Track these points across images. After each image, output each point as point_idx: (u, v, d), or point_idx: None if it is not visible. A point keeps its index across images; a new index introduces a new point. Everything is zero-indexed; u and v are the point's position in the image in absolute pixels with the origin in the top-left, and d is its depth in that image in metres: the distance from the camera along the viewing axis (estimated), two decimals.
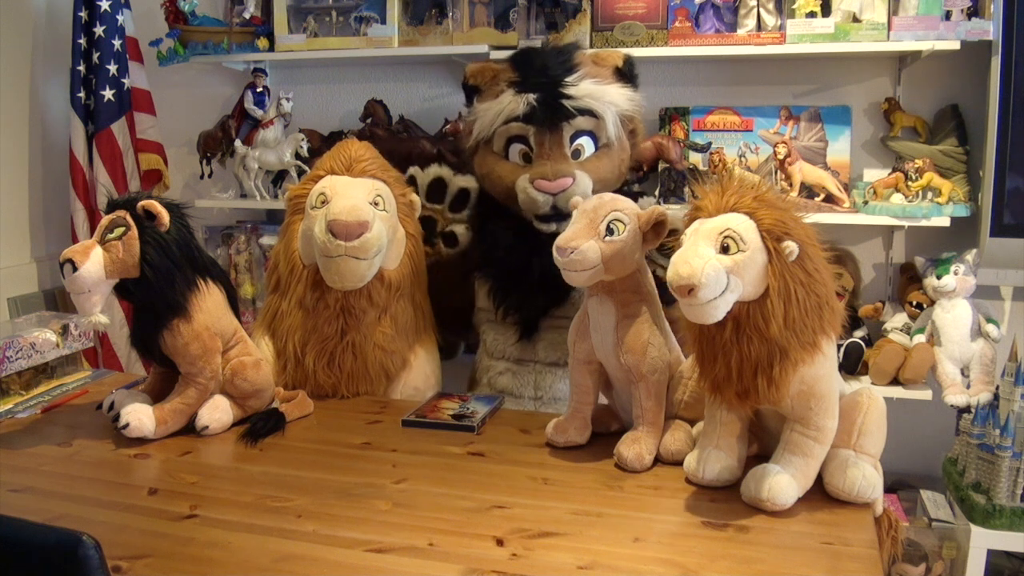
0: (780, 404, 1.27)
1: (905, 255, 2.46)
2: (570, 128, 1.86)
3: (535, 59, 1.92)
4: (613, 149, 1.92)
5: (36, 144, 2.84)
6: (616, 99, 1.90)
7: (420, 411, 1.72)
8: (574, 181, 1.81)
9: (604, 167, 1.90)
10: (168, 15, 2.68)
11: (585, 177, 1.84)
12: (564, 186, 1.81)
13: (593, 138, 1.89)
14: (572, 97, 1.84)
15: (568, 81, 1.86)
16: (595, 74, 1.91)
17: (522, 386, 1.96)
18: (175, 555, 1.16)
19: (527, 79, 1.89)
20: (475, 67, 2.03)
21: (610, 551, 1.16)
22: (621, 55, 2.00)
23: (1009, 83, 2.14)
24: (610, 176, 1.92)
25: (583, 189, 1.82)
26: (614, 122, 1.89)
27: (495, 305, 1.97)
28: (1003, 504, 1.91)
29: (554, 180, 1.81)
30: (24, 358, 1.83)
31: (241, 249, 2.75)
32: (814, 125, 2.41)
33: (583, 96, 1.85)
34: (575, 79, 1.87)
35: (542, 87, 1.86)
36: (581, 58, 1.94)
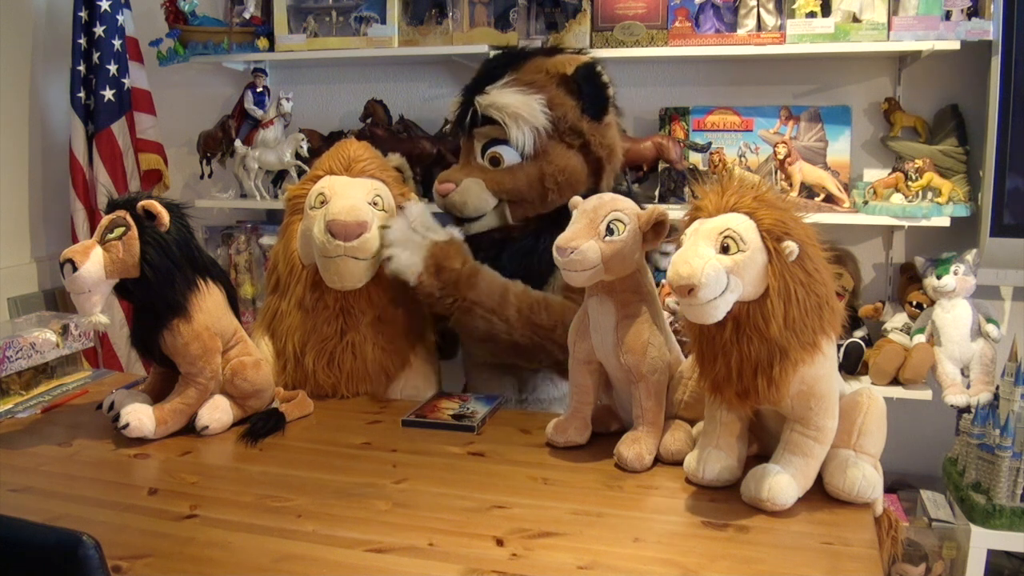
0: (780, 404, 1.27)
1: (905, 255, 2.46)
2: (482, 136, 1.88)
3: (487, 63, 1.97)
4: (536, 161, 1.84)
5: (36, 144, 2.84)
6: (521, 108, 1.81)
7: (420, 411, 1.72)
8: (456, 187, 1.87)
9: (516, 179, 1.86)
10: (168, 15, 2.68)
11: (473, 185, 1.86)
12: (445, 191, 1.89)
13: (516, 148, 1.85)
14: (480, 103, 1.85)
15: (487, 88, 1.85)
16: (530, 81, 1.84)
17: (504, 389, 1.96)
18: (175, 555, 1.16)
19: (471, 82, 1.94)
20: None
21: (610, 551, 1.16)
22: (576, 62, 1.87)
23: (1009, 83, 2.14)
24: (526, 189, 1.85)
25: (461, 200, 1.87)
26: (520, 133, 1.81)
27: None
28: (1003, 504, 1.91)
29: (440, 184, 1.90)
30: (24, 358, 1.83)
31: (241, 249, 2.75)
32: (814, 125, 2.41)
33: (487, 104, 1.84)
34: (494, 87, 1.84)
35: (466, 92, 1.92)
36: (528, 66, 1.88)
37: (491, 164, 1.89)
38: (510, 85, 1.84)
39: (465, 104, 1.90)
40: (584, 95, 1.85)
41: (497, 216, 1.91)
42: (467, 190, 1.87)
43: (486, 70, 1.92)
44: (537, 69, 1.88)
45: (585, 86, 1.85)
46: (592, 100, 1.86)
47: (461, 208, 1.89)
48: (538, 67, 1.88)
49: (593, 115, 1.87)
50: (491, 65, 1.93)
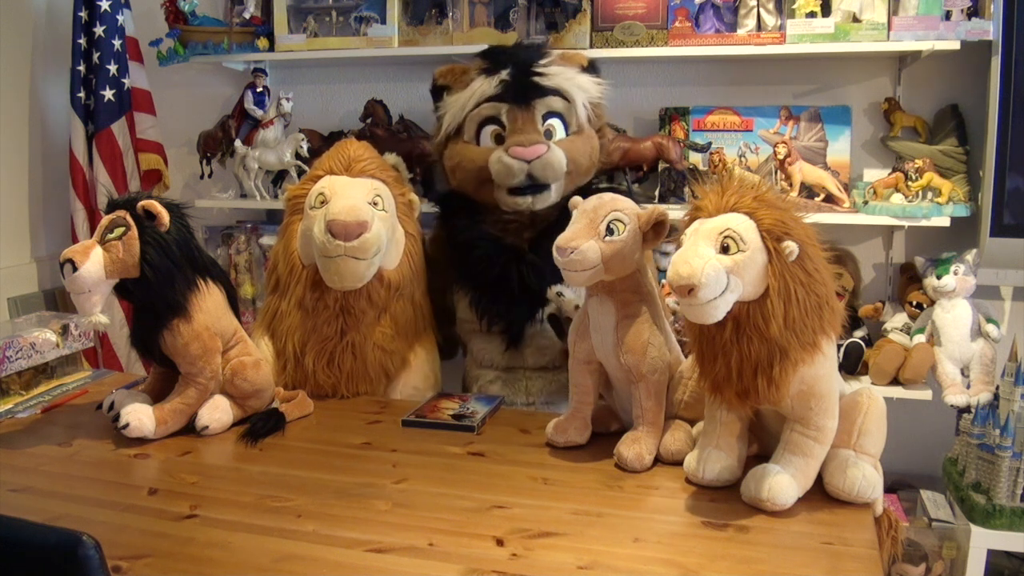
0: (780, 404, 1.27)
1: (905, 255, 2.46)
2: (542, 106, 1.92)
3: (506, 50, 2.04)
4: (583, 135, 1.97)
5: (36, 144, 2.84)
6: (585, 85, 1.98)
7: (420, 411, 1.72)
8: (548, 149, 1.87)
9: (576, 148, 1.94)
10: (168, 15, 2.68)
11: (558, 149, 1.89)
12: (539, 152, 1.85)
13: (564, 122, 1.95)
14: (544, 75, 1.92)
15: (540, 62, 1.95)
16: (564, 65, 2.01)
17: (513, 393, 1.96)
18: (175, 555, 1.16)
19: (499, 64, 1.96)
20: (443, 68, 2.09)
21: (610, 551, 1.16)
22: (585, 56, 2.10)
23: (1009, 83, 2.13)
24: (582, 160, 1.96)
25: (557, 159, 1.88)
26: (584, 106, 1.96)
27: (478, 317, 1.97)
28: (1003, 504, 1.91)
29: (529, 147, 1.86)
30: (24, 358, 1.83)
31: (241, 249, 2.75)
32: (814, 125, 2.40)
33: (554, 75, 1.93)
34: (544, 62, 1.96)
35: (515, 66, 1.95)
36: (550, 52, 2.05)
37: (546, 136, 1.93)
38: (557, 63, 1.98)
39: (518, 76, 1.93)
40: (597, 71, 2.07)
41: (558, 188, 1.94)
42: (556, 153, 1.88)
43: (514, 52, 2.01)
44: (558, 58, 2.03)
45: (595, 76, 2.06)
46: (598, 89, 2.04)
47: (555, 169, 1.89)
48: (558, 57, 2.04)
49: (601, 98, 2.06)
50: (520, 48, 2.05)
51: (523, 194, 1.89)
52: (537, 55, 1.99)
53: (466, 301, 1.99)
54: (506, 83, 1.92)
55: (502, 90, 1.92)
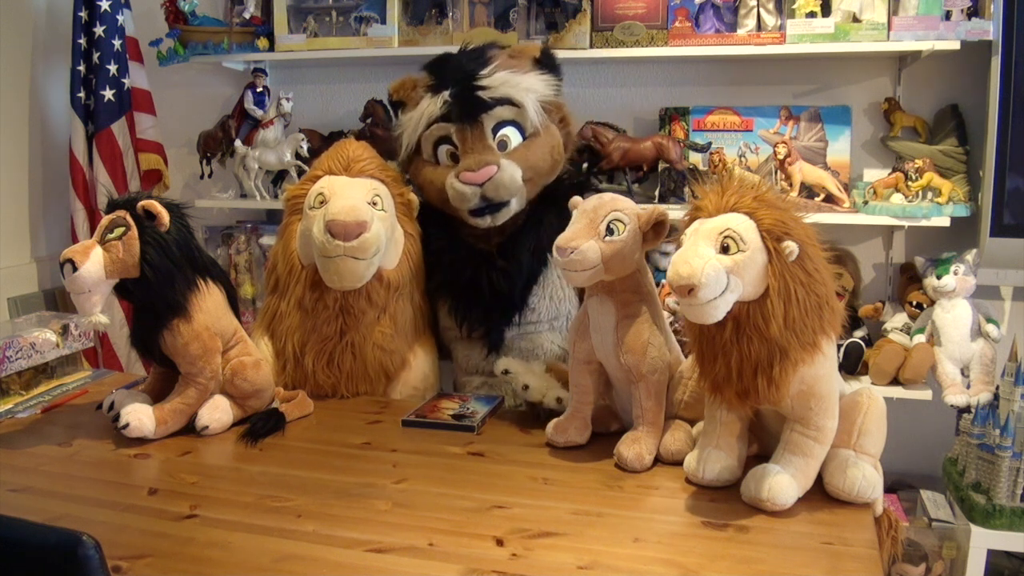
0: (780, 404, 1.27)
1: (905, 255, 2.46)
2: (490, 119, 1.87)
3: (449, 61, 1.96)
4: (540, 136, 1.92)
5: (36, 144, 2.84)
6: (533, 84, 1.91)
7: (420, 411, 1.72)
8: (499, 169, 1.82)
9: (533, 155, 1.90)
10: (168, 15, 2.68)
11: (511, 165, 1.85)
12: (489, 174, 1.82)
13: (519, 128, 1.90)
14: (486, 88, 1.86)
15: (482, 74, 1.87)
16: (511, 66, 1.92)
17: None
18: (175, 555, 1.16)
19: (442, 80, 1.91)
20: (395, 83, 2.06)
21: (610, 551, 1.16)
22: (538, 46, 2.03)
23: (1009, 83, 2.13)
24: (542, 164, 1.91)
25: (510, 177, 1.84)
26: (535, 108, 1.89)
27: (457, 323, 1.97)
28: (1003, 504, 1.91)
29: (478, 170, 1.82)
30: (24, 358, 1.83)
31: (241, 249, 2.75)
32: (814, 125, 2.40)
33: (498, 85, 1.86)
34: (488, 71, 1.88)
35: (456, 83, 1.88)
36: (496, 54, 1.95)
37: (499, 149, 1.89)
38: (500, 68, 1.89)
39: (461, 93, 1.87)
40: (554, 70, 1.98)
41: (519, 199, 1.90)
42: (508, 170, 1.84)
43: (457, 63, 1.93)
44: (503, 55, 1.95)
45: (550, 64, 1.98)
46: (558, 75, 2.00)
47: (508, 188, 1.85)
48: (502, 54, 1.96)
49: (556, 93, 1.99)
50: (462, 58, 1.94)
51: (482, 215, 1.87)
52: (479, 64, 1.90)
53: (445, 308, 1.99)
54: (449, 103, 1.88)
55: (448, 109, 1.88)
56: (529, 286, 1.92)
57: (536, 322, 1.94)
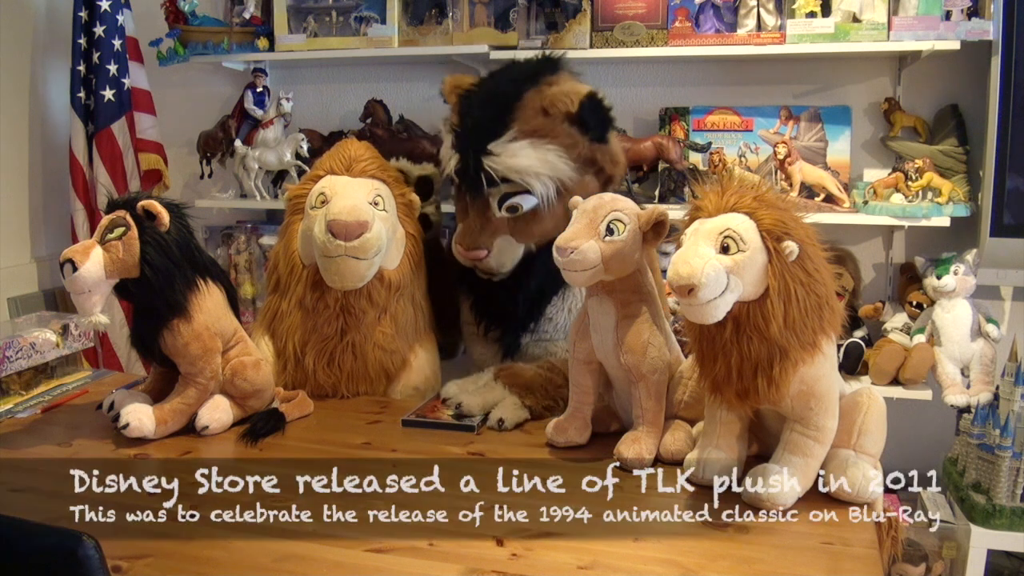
0: (780, 404, 1.27)
1: (905, 255, 2.46)
2: (497, 192, 1.78)
3: (475, 107, 1.82)
4: (556, 205, 1.77)
5: (36, 144, 2.84)
6: (542, 167, 1.74)
7: (420, 411, 1.72)
8: (488, 254, 1.79)
9: (542, 226, 1.79)
10: (168, 15, 2.68)
11: (506, 244, 1.79)
12: (478, 257, 1.80)
13: (532, 193, 1.76)
14: (495, 165, 1.73)
15: (492, 148, 1.74)
16: (535, 129, 1.76)
17: None
18: (175, 555, 1.16)
19: (462, 132, 1.81)
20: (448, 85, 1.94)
21: (610, 551, 1.16)
22: (578, 96, 1.77)
23: (1009, 83, 2.14)
24: (552, 230, 1.69)
25: (498, 263, 1.81)
26: (544, 187, 1.75)
27: (476, 321, 1.97)
28: (1003, 504, 1.91)
29: (468, 251, 1.80)
30: (24, 358, 1.82)
31: (241, 249, 2.75)
32: (814, 125, 2.41)
33: (503, 168, 1.73)
34: (502, 143, 1.74)
35: (467, 151, 1.78)
36: (523, 109, 1.78)
37: (509, 213, 1.79)
38: (517, 139, 1.74)
39: (468, 163, 1.77)
40: (592, 126, 1.80)
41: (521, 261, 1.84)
42: (501, 252, 1.80)
43: (477, 121, 1.79)
44: (535, 110, 1.78)
45: (592, 118, 1.79)
46: (599, 128, 1.82)
47: (497, 269, 1.82)
48: (534, 107, 1.78)
49: (601, 139, 1.83)
50: (482, 115, 1.80)
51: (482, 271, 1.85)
52: (493, 132, 1.75)
53: (468, 304, 1.99)
54: (459, 169, 1.80)
55: (458, 172, 1.80)
56: (547, 299, 1.88)
57: (553, 331, 1.91)
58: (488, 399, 1.70)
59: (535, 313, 1.88)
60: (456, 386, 1.75)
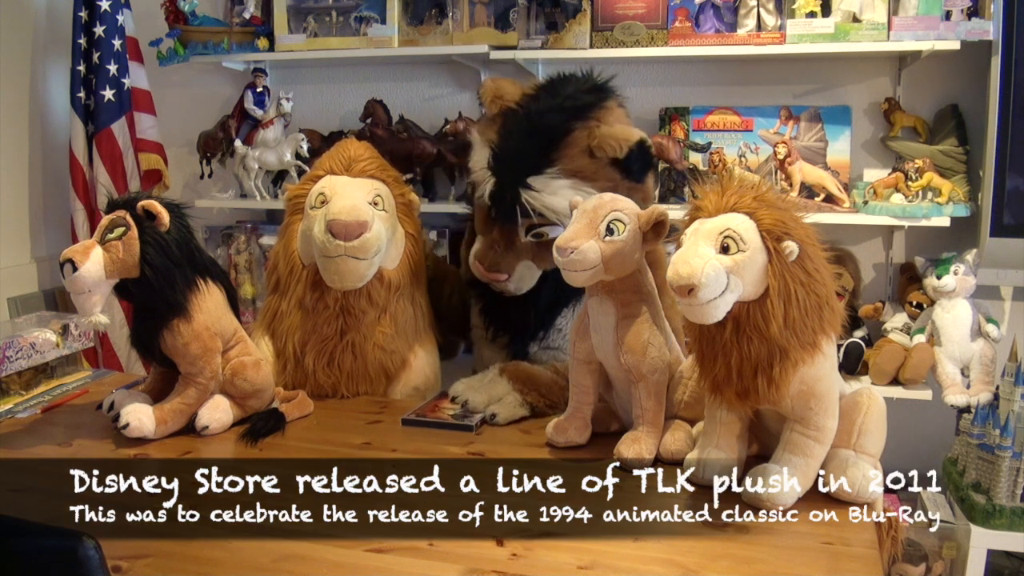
0: (780, 404, 1.27)
1: (905, 255, 2.46)
2: (527, 222, 1.75)
3: (519, 135, 1.75)
4: None
5: (36, 144, 2.84)
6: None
7: (420, 410, 1.72)
8: (508, 278, 1.79)
9: None
10: (168, 15, 2.68)
11: (527, 269, 1.79)
12: (498, 279, 1.80)
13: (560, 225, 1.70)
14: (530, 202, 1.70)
15: (532, 183, 1.70)
16: (579, 169, 1.72)
17: None
18: (175, 555, 1.16)
19: (502, 157, 1.75)
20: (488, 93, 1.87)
21: (610, 551, 1.16)
22: (628, 144, 1.72)
23: (1009, 83, 2.14)
24: None
25: (516, 286, 1.81)
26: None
27: (485, 326, 1.96)
28: (1003, 504, 1.91)
29: (489, 272, 1.80)
30: (24, 358, 1.82)
31: (241, 249, 2.75)
32: (814, 125, 2.41)
33: (540, 206, 1.70)
34: (543, 180, 1.70)
35: (504, 179, 1.73)
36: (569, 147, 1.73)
37: (534, 238, 1.78)
38: (558, 178, 1.71)
39: (504, 192, 1.73)
40: (635, 172, 1.77)
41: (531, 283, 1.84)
42: (521, 278, 1.80)
43: (521, 151, 1.74)
44: (580, 150, 1.74)
45: (637, 165, 1.76)
46: (642, 173, 1.79)
47: (514, 292, 1.82)
48: (580, 146, 1.74)
49: (639, 181, 1.79)
50: (525, 145, 1.74)
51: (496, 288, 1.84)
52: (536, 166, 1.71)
53: (477, 308, 1.99)
54: (494, 193, 1.75)
55: (492, 196, 1.75)
56: (558, 311, 1.88)
57: (562, 341, 1.90)
58: (492, 394, 1.71)
59: (545, 324, 1.88)
60: (463, 384, 1.76)
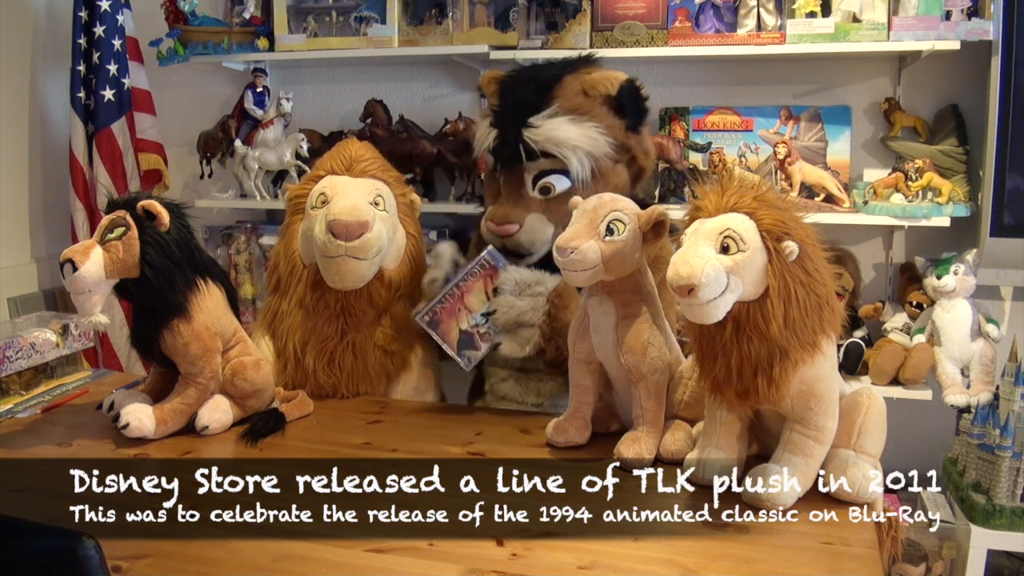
0: (780, 404, 1.27)
1: (905, 255, 2.46)
2: (533, 168, 1.80)
3: (516, 87, 1.87)
4: (588, 187, 1.79)
5: (36, 144, 2.84)
6: (582, 141, 1.78)
7: (437, 310, 1.76)
8: (520, 228, 1.79)
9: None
10: (168, 15, 2.68)
11: (538, 221, 1.80)
12: (508, 232, 1.80)
13: (566, 174, 1.80)
14: (534, 138, 1.77)
15: (532, 121, 1.78)
16: (576, 107, 1.81)
17: (524, 393, 1.94)
18: (175, 555, 1.16)
19: (502, 110, 1.85)
20: (485, 77, 1.99)
21: (610, 551, 1.16)
22: (617, 81, 1.84)
23: (1009, 83, 2.14)
24: None
25: (528, 240, 1.81)
26: (581, 164, 1.78)
27: None
28: (1003, 504, 1.91)
29: (499, 225, 1.80)
30: (24, 358, 1.82)
31: (241, 249, 2.75)
32: (814, 125, 2.41)
33: (543, 140, 1.77)
34: (543, 117, 1.78)
35: (506, 125, 1.81)
36: (564, 89, 1.83)
37: (542, 194, 1.82)
38: (557, 114, 1.78)
39: (507, 137, 1.80)
40: (628, 112, 1.85)
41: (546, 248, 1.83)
42: (532, 229, 1.80)
43: (519, 98, 1.84)
44: (574, 91, 1.83)
45: (629, 103, 1.85)
46: (635, 115, 1.87)
47: (528, 247, 1.82)
48: (574, 89, 1.83)
49: (635, 128, 1.87)
50: (523, 93, 1.84)
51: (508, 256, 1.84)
52: (540, 100, 1.79)
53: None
54: (497, 144, 1.83)
55: (496, 147, 1.83)
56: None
57: None
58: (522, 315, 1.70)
59: None
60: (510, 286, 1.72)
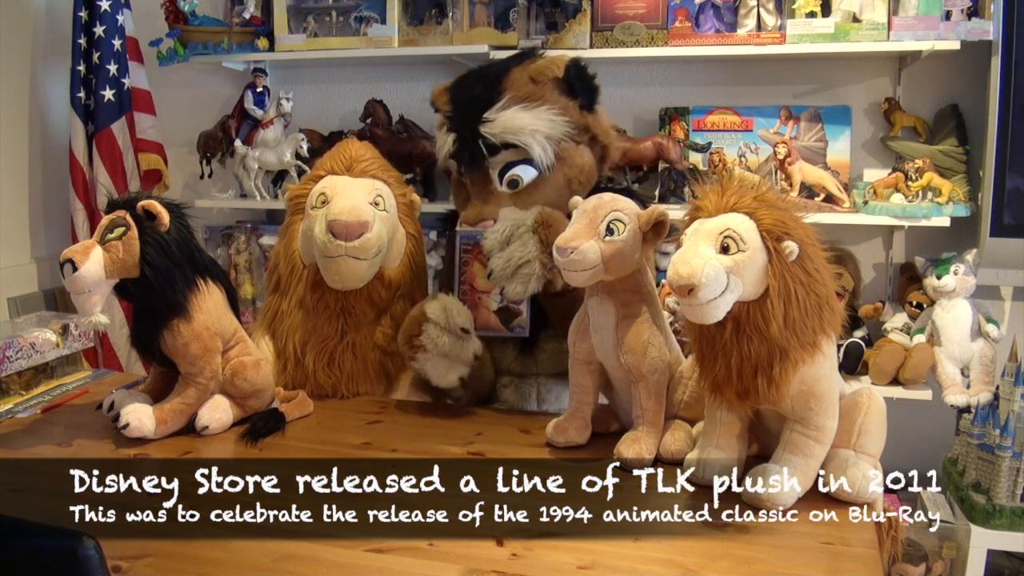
0: (780, 404, 1.27)
1: (905, 255, 2.46)
2: (497, 163, 1.80)
3: (466, 89, 1.87)
4: (557, 170, 1.81)
5: (36, 144, 2.84)
6: (540, 125, 1.78)
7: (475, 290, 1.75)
8: (494, 223, 1.77)
9: (545, 194, 1.80)
10: (168, 15, 2.69)
11: (512, 213, 1.78)
12: (483, 228, 1.78)
13: (531, 163, 1.79)
14: (490, 132, 1.77)
15: (486, 116, 1.78)
16: (527, 95, 1.80)
17: (525, 399, 1.94)
18: (175, 555, 1.16)
19: (455, 113, 1.85)
20: (435, 92, 1.97)
21: (610, 551, 1.16)
22: (563, 63, 1.85)
23: (1009, 83, 2.14)
24: (558, 199, 1.76)
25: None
26: (543, 147, 1.77)
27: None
28: (1003, 504, 1.91)
29: (474, 223, 1.79)
30: (24, 358, 1.82)
31: (241, 249, 2.76)
32: (814, 125, 2.41)
33: (500, 131, 1.76)
34: (496, 110, 1.78)
35: (462, 126, 1.81)
36: (513, 80, 1.83)
37: (510, 188, 1.81)
38: (510, 104, 1.79)
39: (465, 137, 1.80)
40: (579, 91, 1.85)
41: None
42: (505, 221, 1.77)
43: (470, 97, 1.84)
44: (523, 81, 1.83)
45: (578, 82, 1.85)
46: (587, 94, 1.87)
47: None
48: (522, 79, 1.84)
49: (589, 107, 1.87)
50: (473, 92, 1.85)
51: None
52: (491, 95, 1.80)
53: None
54: (457, 145, 1.82)
55: (456, 151, 1.83)
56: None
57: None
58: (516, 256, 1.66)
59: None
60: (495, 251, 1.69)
